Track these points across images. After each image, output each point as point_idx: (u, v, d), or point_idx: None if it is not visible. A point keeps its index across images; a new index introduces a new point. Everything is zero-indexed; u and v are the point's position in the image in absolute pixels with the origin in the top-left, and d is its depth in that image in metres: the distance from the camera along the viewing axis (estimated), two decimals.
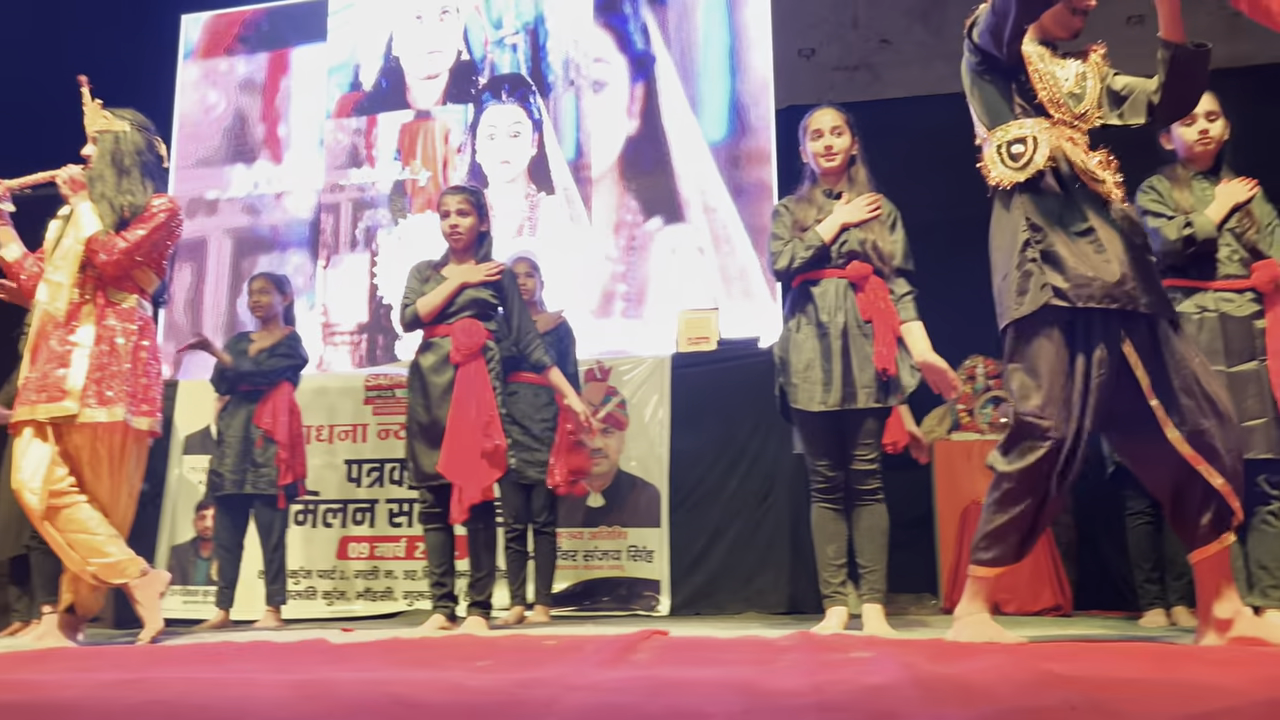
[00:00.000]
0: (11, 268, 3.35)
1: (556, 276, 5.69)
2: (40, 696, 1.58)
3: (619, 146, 5.92)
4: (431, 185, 6.16)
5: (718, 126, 5.80)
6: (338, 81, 6.46)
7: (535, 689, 1.59)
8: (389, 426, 5.23)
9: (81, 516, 3.02)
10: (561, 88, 6.10)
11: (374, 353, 6.10)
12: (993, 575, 2.44)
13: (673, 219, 5.74)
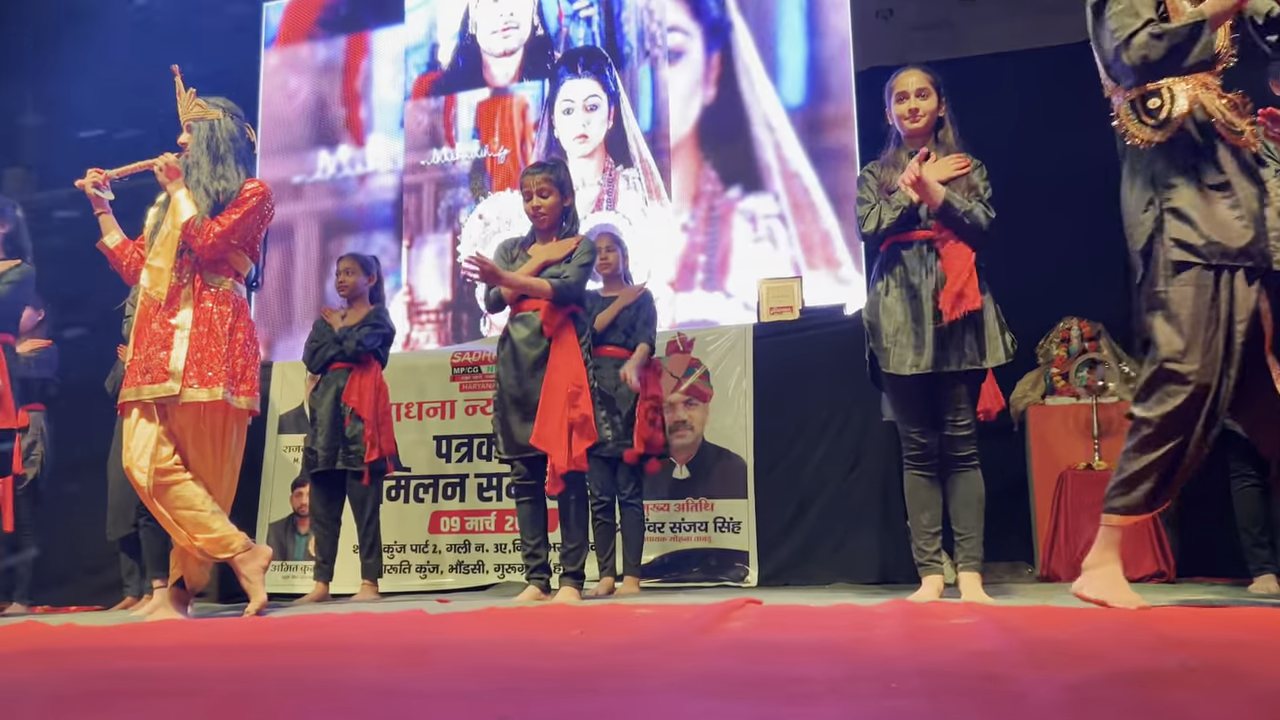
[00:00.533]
0: (114, 254, 3.46)
1: (636, 249, 5.69)
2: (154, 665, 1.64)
3: (696, 116, 5.87)
4: (510, 163, 6.19)
5: (796, 91, 5.71)
6: (415, 62, 6.52)
7: (635, 655, 1.60)
8: (476, 402, 5.30)
9: (187, 493, 3.13)
10: (637, 59, 6.06)
11: (459, 330, 6.17)
12: (1127, 524, 2.38)
13: (752, 187, 5.68)
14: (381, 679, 1.36)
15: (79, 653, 1.85)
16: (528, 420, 3.40)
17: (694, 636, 1.81)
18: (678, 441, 4.87)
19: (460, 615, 2.51)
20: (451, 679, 1.36)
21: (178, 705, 1.22)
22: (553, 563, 3.65)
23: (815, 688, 1.29)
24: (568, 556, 3.48)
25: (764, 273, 5.39)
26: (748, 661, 1.53)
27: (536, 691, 1.27)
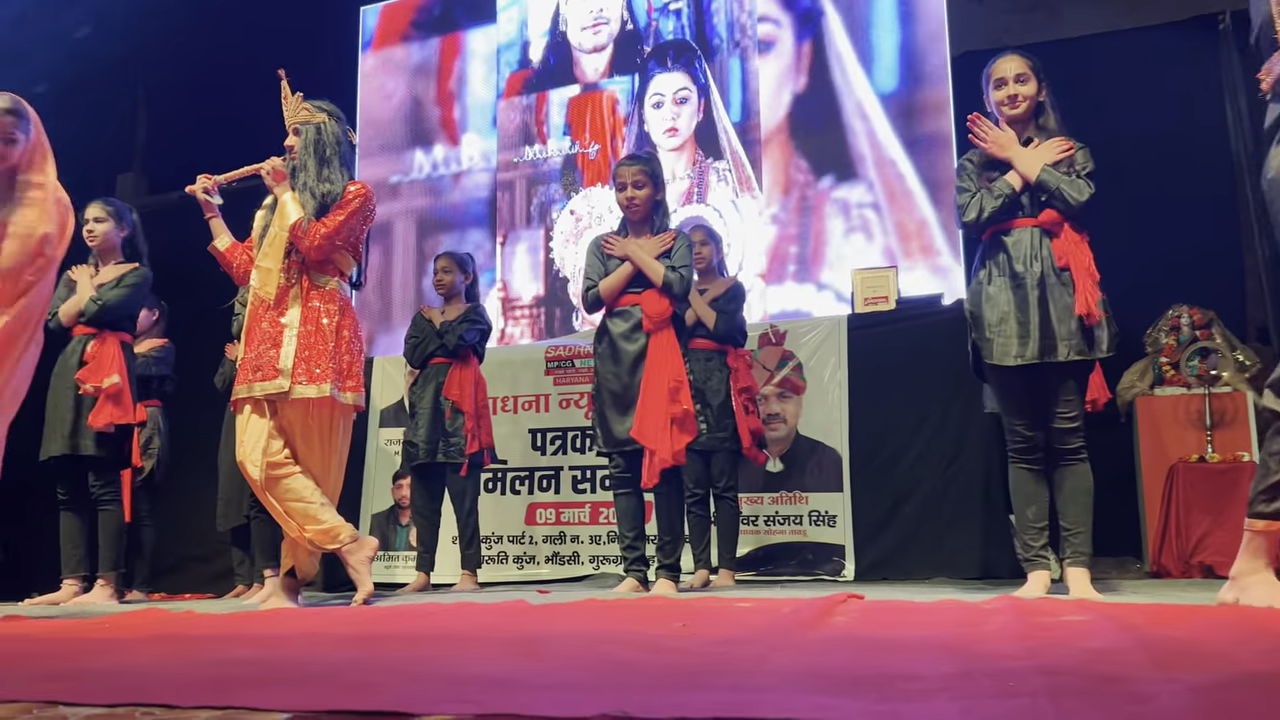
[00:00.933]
0: (224, 256, 3.58)
1: (727, 241, 5.67)
2: (274, 653, 1.70)
3: (787, 106, 5.81)
4: (601, 158, 6.22)
5: (889, 78, 5.61)
6: (507, 60, 6.60)
7: (740, 649, 1.59)
8: (569, 396, 5.35)
9: (297, 486, 3.22)
10: (727, 51, 6.03)
11: (552, 325, 6.23)
12: (1275, 529, 2.25)
13: (845, 177, 5.60)
14: (497, 670, 1.38)
15: (200, 640, 1.92)
16: (626, 414, 3.42)
17: (798, 631, 1.80)
18: (771, 435, 4.84)
19: (563, 606, 2.54)
20: (565, 671, 1.37)
21: (297, 693, 1.26)
22: (649, 555, 3.67)
23: (929, 684, 1.27)
24: (663, 549, 3.50)
25: (858, 263, 5.32)
26: (856, 657, 1.51)
27: (649, 685, 1.27)
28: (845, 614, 2.10)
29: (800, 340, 4.97)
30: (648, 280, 3.49)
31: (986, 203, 2.98)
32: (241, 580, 4.96)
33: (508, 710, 1.12)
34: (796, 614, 2.05)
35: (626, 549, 3.56)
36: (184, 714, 1.17)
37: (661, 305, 3.44)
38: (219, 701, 1.21)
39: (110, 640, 1.98)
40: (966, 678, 1.32)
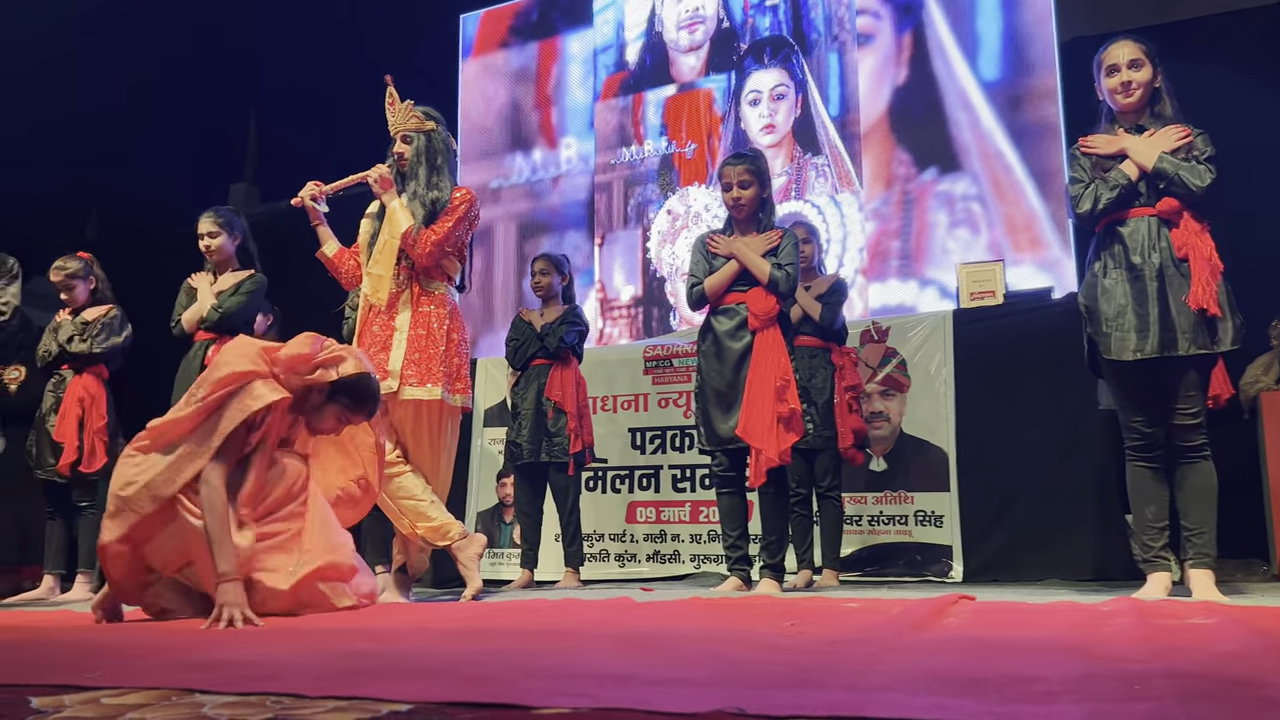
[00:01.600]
0: (332, 262, 3.69)
1: (825, 237, 5.61)
2: (394, 646, 1.75)
3: (887, 99, 5.73)
4: (697, 157, 6.22)
5: (994, 67, 5.48)
6: (604, 63, 6.66)
7: (852, 649, 1.58)
8: (668, 395, 5.36)
9: (408, 484, 3.31)
10: (825, 45, 5.97)
11: (649, 324, 6.26)
12: None
13: (949, 169, 5.49)
14: (610, 665, 1.40)
15: (324, 633, 1.99)
16: (730, 412, 3.42)
17: (911, 631, 1.77)
18: (874, 433, 4.77)
19: (670, 604, 2.56)
20: (678, 667, 1.38)
21: (419, 684, 1.30)
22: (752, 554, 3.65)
23: (1051, 686, 1.24)
24: (768, 549, 3.48)
25: (963, 257, 5.21)
26: (973, 658, 1.48)
27: (762, 683, 1.27)
28: (958, 615, 2.07)
29: (904, 337, 4.89)
30: (753, 278, 3.48)
31: (1102, 193, 2.89)
32: None
33: (623, 705, 1.13)
34: (907, 614, 2.02)
35: (729, 548, 3.55)
36: (311, 703, 1.21)
37: (768, 303, 3.41)
38: (345, 692, 1.25)
39: (241, 634, 2.06)
40: (1090, 680, 1.29)
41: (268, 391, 2.54)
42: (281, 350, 2.66)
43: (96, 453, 4.45)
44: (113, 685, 1.34)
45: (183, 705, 1.21)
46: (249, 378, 2.53)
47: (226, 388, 2.52)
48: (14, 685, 1.36)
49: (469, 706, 1.15)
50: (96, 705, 1.22)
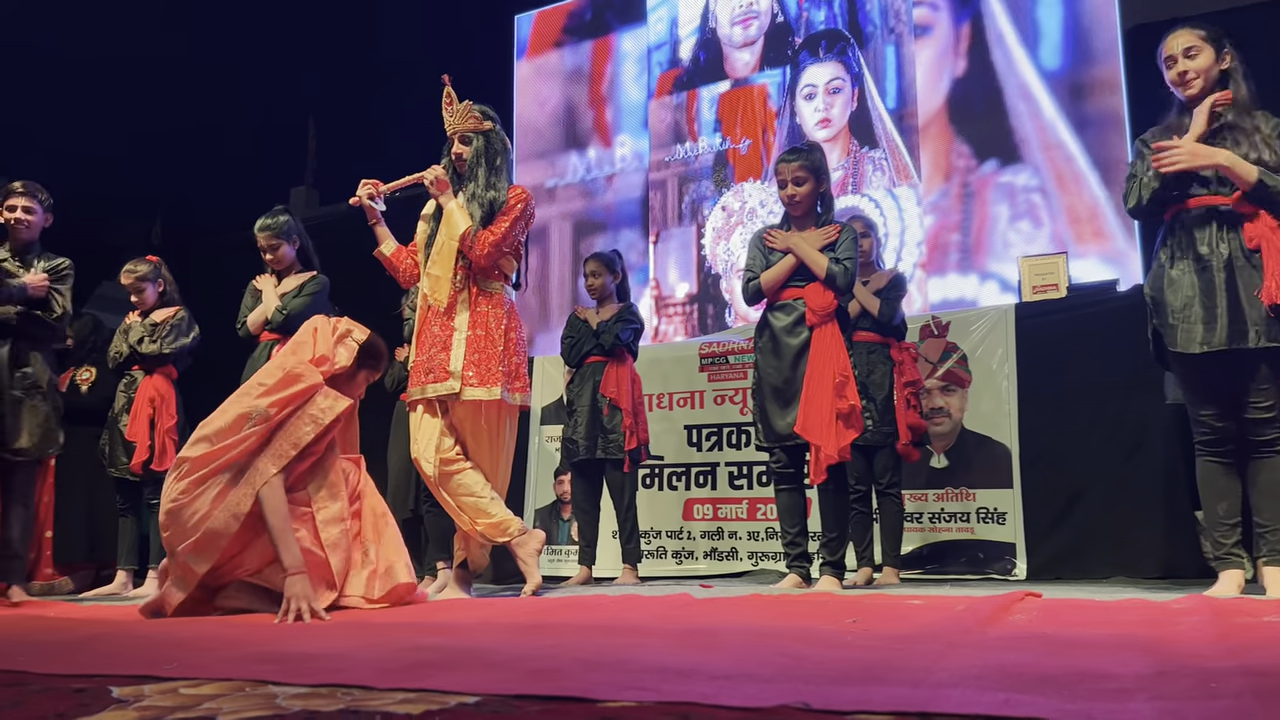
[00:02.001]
0: (389, 261, 3.73)
1: (883, 231, 5.56)
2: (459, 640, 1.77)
3: (945, 90, 5.65)
4: (752, 153, 6.20)
5: (1055, 56, 5.38)
6: (658, 60, 6.66)
7: (917, 645, 1.57)
8: (724, 392, 5.35)
9: (468, 481, 3.34)
10: (881, 38, 5.91)
11: (705, 321, 6.25)
12: None
13: (1010, 161, 5.40)
14: (673, 660, 1.40)
15: (392, 627, 2.02)
16: (789, 409, 3.40)
17: (977, 628, 1.75)
18: (935, 429, 4.72)
19: (729, 600, 2.55)
20: (740, 662, 1.38)
21: (485, 677, 1.31)
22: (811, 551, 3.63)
23: (1123, 683, 1.22)
24: (827, 546, 3.46)
25: (1024, 250, 5.13)
26: (1041, 655, 1.46)
27: (826, 679, 1.27)
28: (1024, 612, 2.04)
29: (965, 331, 4.83)
30: (811, 273, 3.45)
31: (1145, 186, 2.83)
32: None
33: (686, 699, 1.13)
34: (973, 611, 2.00)
35: (788, 545, 3.54)
36: (380, 694, 1.23)
37: (826, 299, 3.39)
38: (413, 684, 1.27)
39: (312, 628, 2.10)
40: (1164, 677, 1.26)
41: (333, 403, 2.71)
42: (312, 351, 2.81)
43: (167, 451, 4.56)
44: (189, 676, 1.38)
45: (256, 696, 1.24)
46: (311, 392, 2.66)
47: (292, 405, 2.64)
48: (96, 675, 1.41)
49: (535, 699, 1.17)
50: (175, 695, 1.26)
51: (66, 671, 1.45)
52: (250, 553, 2.61)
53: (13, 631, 2.16)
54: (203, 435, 2.66)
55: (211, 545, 2.53)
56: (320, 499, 2.69)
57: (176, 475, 2.62)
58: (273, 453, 2.58)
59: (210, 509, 2.53)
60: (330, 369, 2.81)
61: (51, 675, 1.43)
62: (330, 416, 2.67)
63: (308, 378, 2.71)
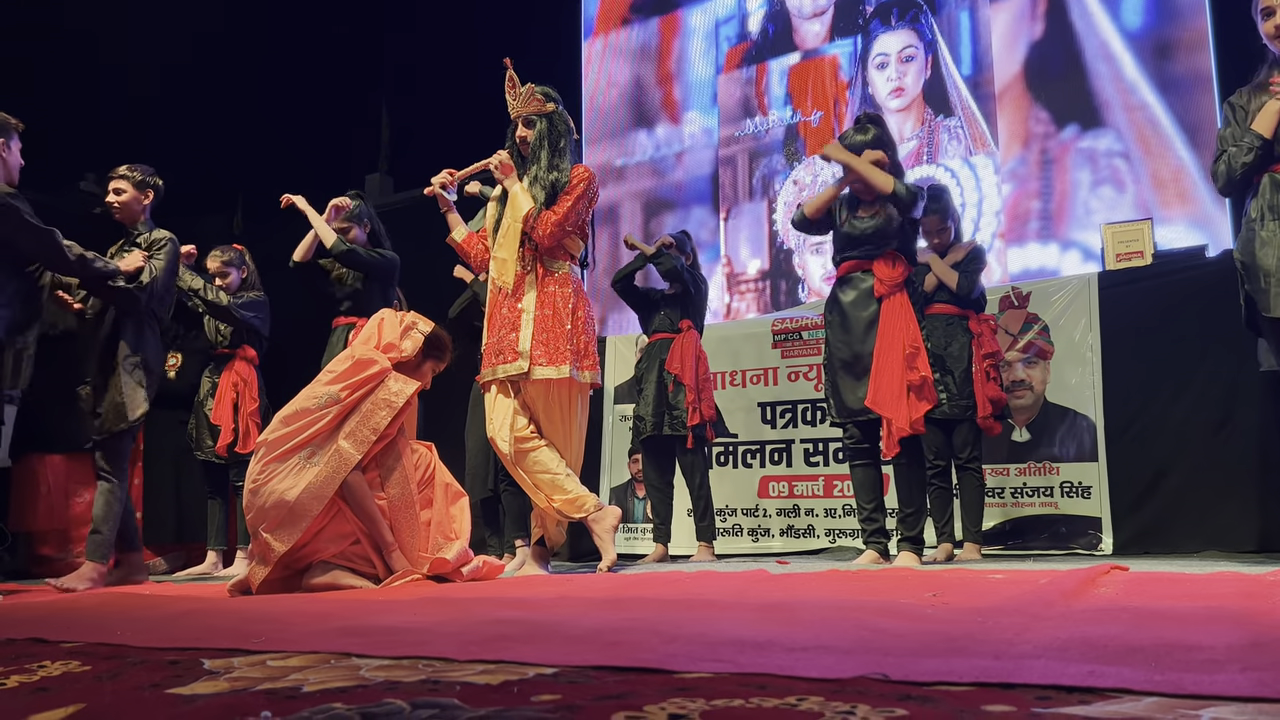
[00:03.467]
0: (461, 247, 3.78)
1: (962, 202, 5.44)
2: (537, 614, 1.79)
3: (1023, 55, 5.49)
4: (823, 124, 6.11)
5: (1137, 15, 5.19)
6: (726, 35, 6.59)
7: (999, 618, 1.54)
8: (797, 368, 5.31)
9: (543, 458, 3.38)
10: (955, 4, 5.76)
11: (777, 298, 6.19)
12: None
13: (1090, 125, 5.23)
14: (751, 633, 1.40)
15: (471, 601, 2.05)
16: (860, 383, 3.36)
17: (1061, 601, 1.72)
18: (1016, 402, 4.62)
19: (807, 575, 2.54)
20: (818, 635, 1.37)
21: (563, 649, 1.33)
22: (889, 527, 3.59)
23: (1214, 654, 1.18)
24: (905, 521, 3.42)
25: (1107, 217, 4.98)
26: (1128, 627, 1.43)
27: (905, 651, 1.25)
28: (1110, 585, 1.99)
29: (1046, 302, 4.71)
30: (876, 243, 3.39)
31: (1234, 161, 2.73)
32: (492, 551, 5.25)
33: (765, 670, 1.13)
34: (1056, 584, 1.95)
35: (865, 520, 3.50)
36: (459, 666, 1.25)
37: (895, 270, 3.33)
38: (492, 656, 1.29)
39: (394, 602, 2.15)
40: (1257, 649, 1.22)
41: (403, 386, 2.80)
42: (379, 340, 2.91)
43: (251, 434, 4.68)
44: (277, 649, 1.42)
45: (341, 668, 1.27)
46: (382, 376, 2.76)
47: (363, 389, 2.73)
48: (188, 648, 1.46)
49: (612, 670, 1.17)
50: (263, 667, 1.29)
51: (161, 645, 1.50)
52: (326, 536, 2.70)
53: (111, 608, 2.25)
54: (280, 419, 2.76)
55: (292, 524, 2.61)
56: (390, 482, 2.77)
57: (257, 457, 2.71)
58: (354, 438, 2.67)
59: (287, 488, 2.61)
60: (397, 356, 2.89)
61: (148, 648, 1.48)
62: (402, 399, 2.77)
63: (377, 363, 2.80)
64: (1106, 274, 4.65)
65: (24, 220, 3.30)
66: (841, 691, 1.02)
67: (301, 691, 1.12)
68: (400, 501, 2.77)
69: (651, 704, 0.99)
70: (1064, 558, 4.12)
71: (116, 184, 3.91)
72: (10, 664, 1.41)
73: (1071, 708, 0.95)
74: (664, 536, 4.80)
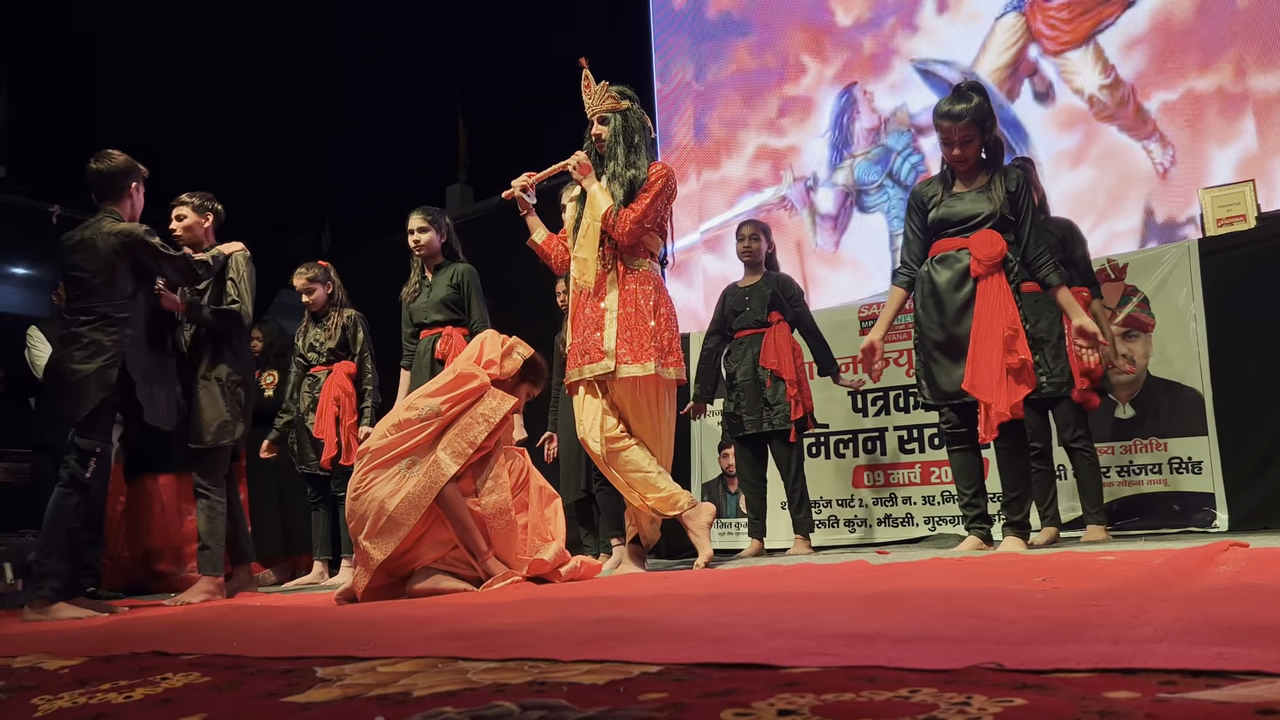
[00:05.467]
0: (542, 249, 3.80)
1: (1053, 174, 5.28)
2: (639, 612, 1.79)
3: None
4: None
5: None
6: None
7: (1114, 602, 1.49)
8: (888, 354, 5.19)
9: (635, 457, 3.38)
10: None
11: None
12: None
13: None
14: (857, 625, 1.38)
15: (573, 601, 2.07)
16: (956, 365, 3.28)
17: (1179, 581, 1.65)
18: (1118, 378, 4.46)
19: (907, 565, 2.49)
20: (927, 625, 1.34)
21: (666, 647, 1.32)
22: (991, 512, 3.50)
23: None
24: (1009, 506, 3.33)
25: (1204, 180, 4.78)
26: (1254, 606, 1.36)
27: (1018, 639, 1.22)
28: (1230, 563, 1.91)
29: (1145, 273, 4.54)
30: (974, 222, 3.30)
31: None
32: (589, 550, 5.27)
33: (873, 662, 1.10)
34: (1173, 564, 1.88)
35: (965, 506, 3.42)
36: (565, 666, 1.25)
37: (994, 248, 3.23)
38: (596, 655, 1.29)
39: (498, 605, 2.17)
40: None
41: (500, 402, 2.88)
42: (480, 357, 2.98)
43: (351, 446, 4.79)
44: (386, 655, 1.44)
45: (449, 672, 1.29)
46: (481, 391, 2.82)
47: (463, 403, 2.79)
48: (301, 657, 1.49)
49: (717, 667, 1.16)
50: (373, 673, 1.32)
51: (275, 654, 1.54)
52: (427, 543, 2.76)
53: (226, 621, 2.32)
54: (381, 430, 2.82)
55: (390, 533, 2.66)
56: (485, 490, 2.82)
57: (359, 465, 2.78)
58: (452, 450, 2.73)
59: (387, 497, 2.67)
60: (496, 374, 2.95)
61: (262, 659, 1.52)
62: (500, 415, 2.83)
63: (478, 378, 2.86)
64: (1207, 240, 4.47)
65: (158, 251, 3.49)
66: (955, 682, 0.99)
67: (412, 696, 1.14)
68: (496, 508, 2.81)
69: (759, 700, 0.97)
70: (1178, 536, 3.97)
71: (179, 210, 4.05)
72: (135, 676, 1.47)
73: (1200, 692, 0.90)
74: (759, 531, 4.76)
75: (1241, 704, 0.85)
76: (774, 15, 6.66)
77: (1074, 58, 5.44)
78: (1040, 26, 5.54)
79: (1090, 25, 5.39)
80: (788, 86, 6.60)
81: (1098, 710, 0.86)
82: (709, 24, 6.94)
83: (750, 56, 6.76)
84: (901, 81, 6.12)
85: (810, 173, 6.44)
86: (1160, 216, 5.09)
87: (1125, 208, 5.25)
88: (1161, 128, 5.12)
